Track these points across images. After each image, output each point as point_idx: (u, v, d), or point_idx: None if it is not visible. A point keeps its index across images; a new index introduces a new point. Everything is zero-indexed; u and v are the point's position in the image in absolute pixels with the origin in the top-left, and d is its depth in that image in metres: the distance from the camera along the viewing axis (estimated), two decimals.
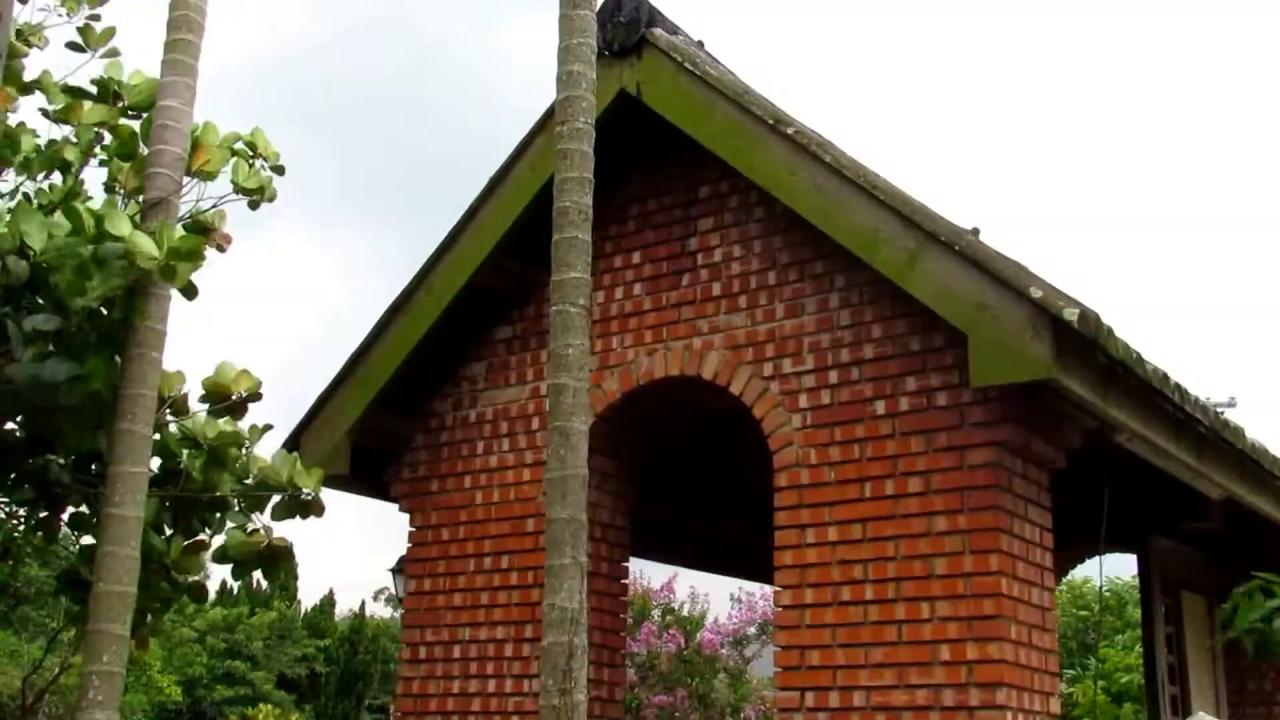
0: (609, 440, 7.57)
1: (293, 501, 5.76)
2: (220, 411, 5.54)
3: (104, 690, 4.76)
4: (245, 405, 5.54)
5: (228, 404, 5.50)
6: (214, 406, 5.52)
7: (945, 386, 6.51)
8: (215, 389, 5.48)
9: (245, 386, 5.45)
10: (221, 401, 5.51)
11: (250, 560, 5.83)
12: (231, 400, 5.49)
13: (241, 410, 5.58)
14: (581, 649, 5.20)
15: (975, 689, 6.11)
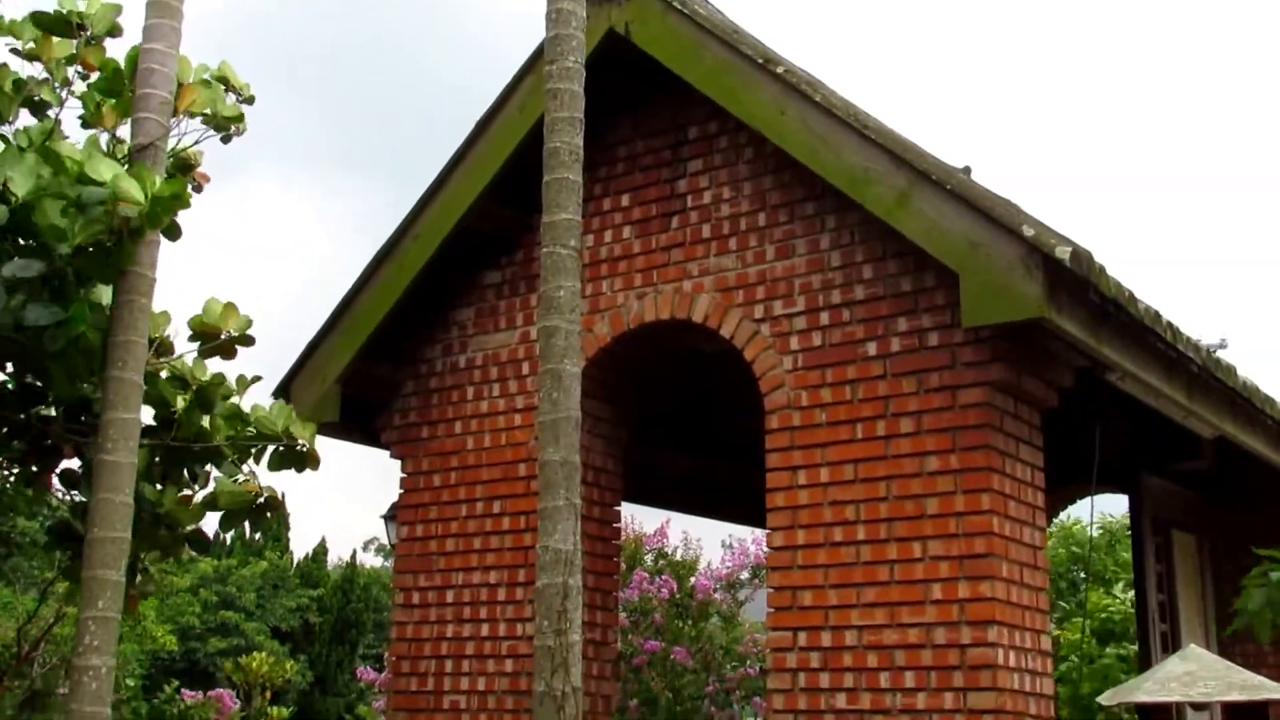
0: (600, 384, 7.56)
1: (289, 453, 5.74)
2: (209, 352, 5.50)
3: (100, 636, 4.76)
4: (234, 346, 5.49)
5: (217, 344, 5.45)
6: (203, 347, 5.47)
7: (937, 326, 6.50)
8: (203, 328, 5.43)
9: (234, 325, 5.40)
10: (210, 341, 5.45)
11: (241, 511, 5.81)
12: (220, 340, 5.43)
13: (231, 351, 5.53)
14: (576, 590, 5.21)
15: (967, 627, 6.14)
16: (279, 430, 5.70)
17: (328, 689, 28.52)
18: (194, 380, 5.41)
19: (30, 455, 5.68)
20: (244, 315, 5.41)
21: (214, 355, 5.61)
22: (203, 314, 5.41)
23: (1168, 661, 4.81)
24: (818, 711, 6.45)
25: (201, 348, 5.47)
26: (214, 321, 5.39)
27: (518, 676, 7.43)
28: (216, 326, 5.50)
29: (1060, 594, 16.09)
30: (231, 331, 5.52)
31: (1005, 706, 6.05)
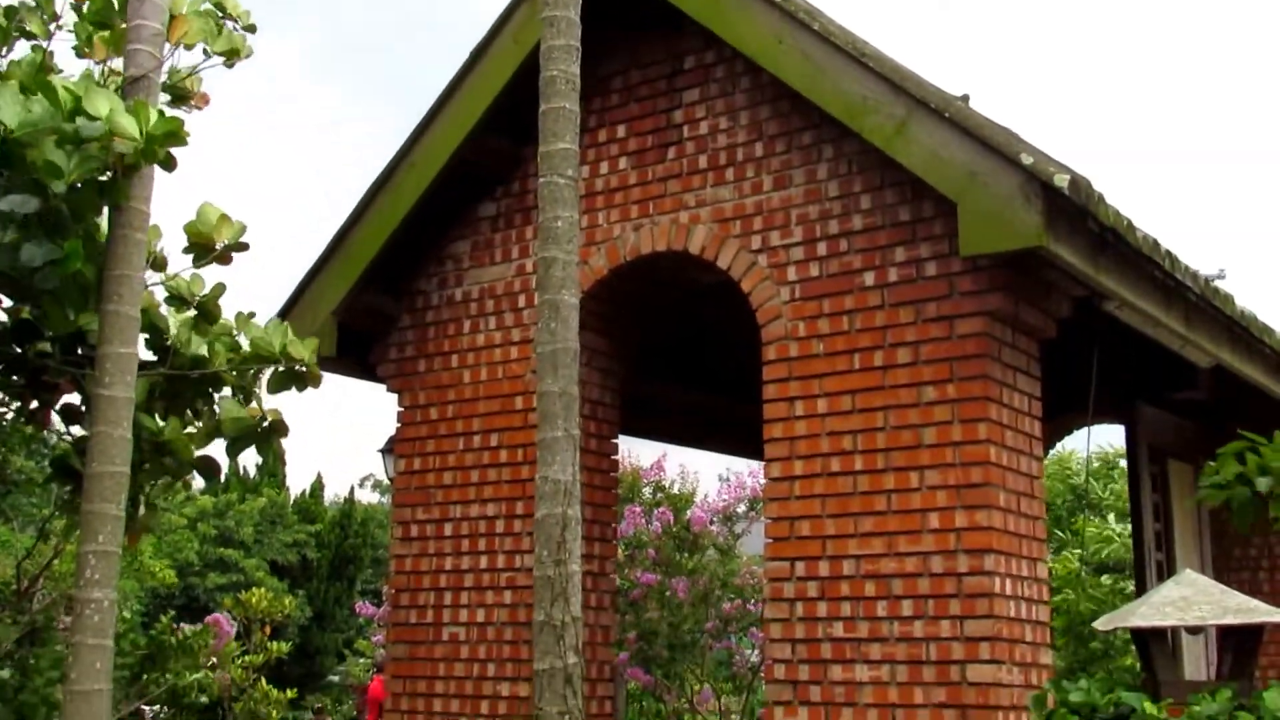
0: (597, 317, 7.54)
1: (288, 373, 5.68)
2: (205, 263, 5.44)
3: (101, 569, 4.78)
4: (230, 255, 5.43)
5: (213, 255, 5.39)
6: (199, 259, 5.41)
7: (934, 256, 6.48)
8: (199, 237, 5.36)
9: (229, 234, 5.34)
10: (206, 253, 5.39)
11: (246, 436, 5.79)
12: (216, 250, 5.37)
13: (227, 259, 5.47)
14: (575, 521, 5.23)
15: (964, 556, 6.18)
16: (276, 351, 5.64)
17: (326, 624, 28.71)
18: (192, 296, 5.36)
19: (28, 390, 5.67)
20: (238, 222, 5.34)
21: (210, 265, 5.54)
22: (197, 221, 5.33)
23: (1163, 586, 4.84)
24: (815, 640, 6.49)
25: (197, 260, 5.41)
26: (209, 230, 5.31)
27: (516, 608, 7.47)
28: (211, 236, 5.43)
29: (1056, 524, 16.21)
30: (226, 240, 5.45)
31: (1001, 634, 6.09)
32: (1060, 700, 4.45)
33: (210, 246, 5.42)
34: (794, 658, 6.54)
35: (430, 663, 7.77)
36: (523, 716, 7.31)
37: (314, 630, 28.11)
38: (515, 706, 7.38)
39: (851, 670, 6.37)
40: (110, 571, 4.79)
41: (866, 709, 6.30)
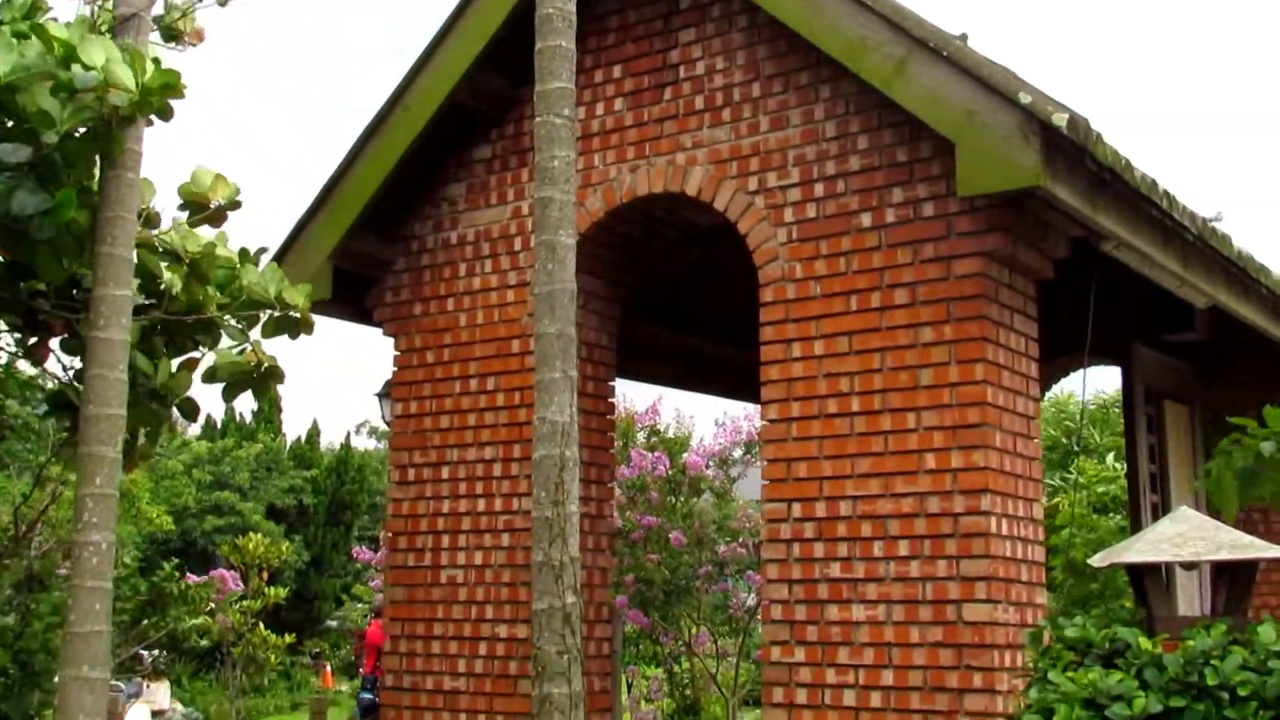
0: (593, 259, 7.51)
1: (282, 318, 5.68)
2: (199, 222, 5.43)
3: (99, 512, 4.78)
4: (224, 214, 5.41)
5: (206, 214, 5.38)
6: (193, 217, 5.40)
7: (932, 197, 6.46)
8: (192, 197, 5.35)
9: (223, 194, 5.33)
10: (200, 211, 5.38)
11: (241, 381, 5.78)
12: (210, 210, 5.36)
13: (220, 219, 5.46)
14: (573, 462, 5.24)
15: (960, 496, 6.20)
16: (271, 296, 5.63)
17: (324, 570, 28.81)
18: (185, 253, 5.35)
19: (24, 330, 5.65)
20: (232, 183, 5.33)
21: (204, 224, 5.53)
22: (191, 182, 5.32)
23: (1159, 523, 4.85)
24: (812, 581, 6.52)
25: (191, 217, 5.40)
26: (203, 191, 5.31)
27: (514, 550, 7.50)
28: (205, 195, 5.42)
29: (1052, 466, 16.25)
30: (220, 200, 5.44)
31: (997, 574, 6.12)
32: (1056, 636, 4.47)
33: (204, 205, 5.41)
34: (791, 598, 6.57)
35: (429, 605, 7.81)
36: (522, 657, 7.35)
37: (311, 576, 28.23)
38: (513, 648, 7.42)
39: (848, 610, 6.41)
40: (108, 514, 4.80)
41: (863, 648, 6.34)
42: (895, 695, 6.23)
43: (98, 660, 4.66)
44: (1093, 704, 4.10)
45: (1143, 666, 4.15)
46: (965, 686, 6.07)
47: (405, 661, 7.85)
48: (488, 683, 7.50)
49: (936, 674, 6.14)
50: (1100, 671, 4.19)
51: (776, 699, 6.55)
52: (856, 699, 6.33)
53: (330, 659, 27.07)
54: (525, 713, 7.22)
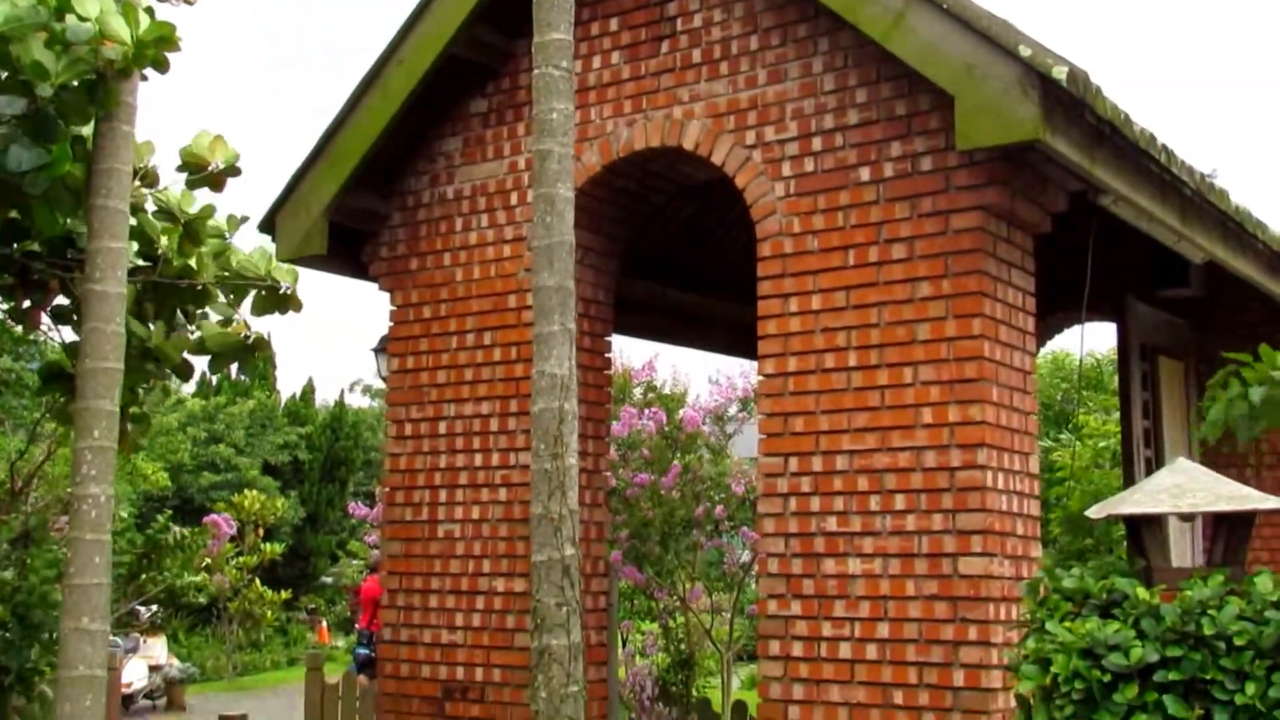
0: (589, 214, 7.49)
1: (271, 295, 5.72)
2: (197, 183, 5.44)
3: (97, 465, 4.79)
4: (224, 178, 5.43)
5: (205, 175, 5.39)
6: (191, 178, 5.41)
7: (930, 151, 6.44)
8: (192, 159, 5.37)
9: (222, 157, 5.34)
10: (198, 173, 5.39)
11: (228, 352, 5.81)
12: (209, 172, 5.37)
13: (220, 182, 5.48)
14: (572, 415, 5.24)
15: (956, 450, 6.21)
16: (261, 273, 5.67)
17: (319, 527, 28.91)
18: (181, 213, 5.35)
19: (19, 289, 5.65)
20: (232, 148, 5.34)
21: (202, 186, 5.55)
22: (191, 145, 5.34)
23: (1157, 474, 4.86)
24: (808, 535, 6.55)
25: (190, 179, 5.41)
26: (202, 153, 5.31)
27: (511, 504, 7.52)
28: (204, 158, 5.42)
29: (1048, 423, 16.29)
30: (220, 163, 5.45)
31: (993, 527, 6.15)
32: (1054, 587, 4.48)
33: (203, 167, 5.40)
34: (787, 552, 6.60)
35: (426, 559, 7.83)
36: (519, 610, 7.39)
37: (307, 532, 28.32)
38: (510, 601, 7.46)
39: (844, 564, 6.43)
40: (106, 467, 4.81)
41: (859, 601, 6.37)
42: (891, 647, 6.27)
43: (98, 612, 4.68)
44: (1090, 654, 4.12)
45: (1140, 617, 4.17)
46: (960, 639, 6.11)
47: (403, 615, 7.89)
48: (485, 636, 7.54)
49: (932, 627, 6.18)
50: (1097, 622, 4.21)
51: (773, 652, 6.59)
52: (852, 651, 6.37)
53: (326, 615, 27.21)
54: (523, 665, 7.27)
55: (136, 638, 17.69)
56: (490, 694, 7.46)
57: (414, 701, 7.74)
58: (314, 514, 28.61)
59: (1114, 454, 11.74)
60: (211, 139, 5.35)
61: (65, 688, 4.58)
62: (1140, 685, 4.03)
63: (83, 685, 4.61)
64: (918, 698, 6.18)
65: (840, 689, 6.37)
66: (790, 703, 6.50)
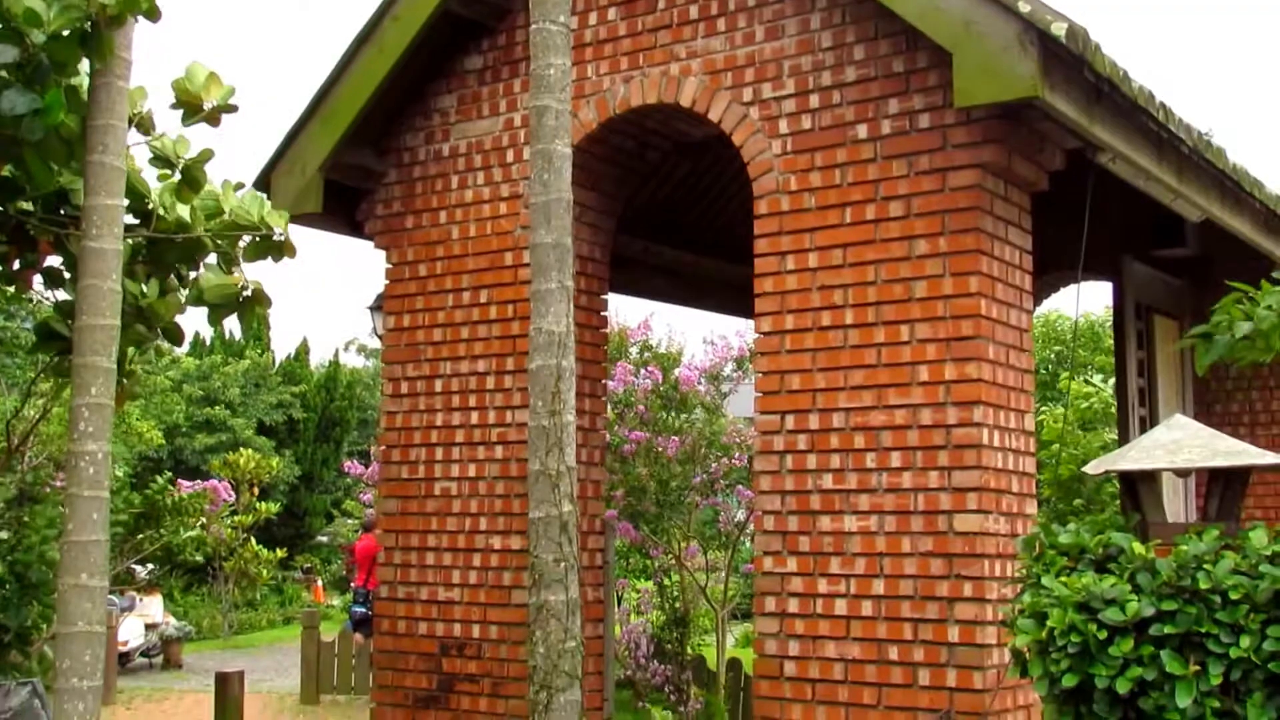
0: (586, 171, 7.47)
1: (264, 242, 5.66)
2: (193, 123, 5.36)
3: (94, 422, 4.77)
4: (219, 117, 5.34)
5: (201, 115, 5.31)
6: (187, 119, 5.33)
7: (928, 108, 6.41)
8: (186, 96, 5.27)
9: (217, 95, 5.26)
10: (194, 113, 5.31)
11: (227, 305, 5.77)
12: (204, 112, 5.29)
13: (215, 121, 5.39)
14: (570, 371, 5.25)
15: (953, 408, 6.22)
16: (256, 220, 5.62)
17: (314, 486, 28.92)
18: (177, 159, 5.29)
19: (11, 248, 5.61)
20: (227, 84, 5.25)
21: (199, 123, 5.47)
22: (185, 79, 5.24)
23: (1154, 430, 4.88)
24: (804, 492, 6.57)
25: (185, 119, 5.33)
26: (196, 89, 5.22)
27: (507, 462, 7.53)
28: (199, 95, 5.34)
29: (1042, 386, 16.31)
30: (215, 101, 5.37)
31: (989, 485, 6.17)
32: (1050, 542, 4.50)
33: (198, 106, 5.33)
34: (783, 509, 6.62)
35: (422, 517, 7.85)
36: (515, 568, 7.41)
37: (302, 491, 28.33)
38: (507, 559, 7.48)
39: (840, 521, 6.46)
40: (103, 424, 4.79)
41: (854, 558, 6.40)
42: (886, 604, 6.30)
43: (96, 569, 4.67)
44: (1086, 607, 4.14)
45: (1136, 571, 4.19)
46: (956, 595, 6.14)
47: (400, 573, 7.91)
48: (481, 593, 7.56)
49: (927, 583, 6.21)
50: (1093, 576, 4.23)
51: (769, 608, 6.62)
52: (848, 608, 6.40)
53: (321, 574, 27.27)
54: (519, 622, 7.30)
55: (133, 596, 17.73)
56: (487, 650, 7.49)
57: (411, 658, 7.78)
58: (309, 473, 28.61)
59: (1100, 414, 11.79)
60: (205, 76, 5.26)
61: (65, 643, 4.58)
62: (1136, 639, 4.05)
63: (82, 641, 4.60)
64: (913, 654, 6.21)
65: (836, 645, 6.41)
66: (786, 659, 6.54)
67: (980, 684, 6.05)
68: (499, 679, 7.43)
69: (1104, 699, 4.10)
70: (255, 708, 13.28)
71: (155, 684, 16.69)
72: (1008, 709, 6.21)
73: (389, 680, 7.87)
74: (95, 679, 4.47)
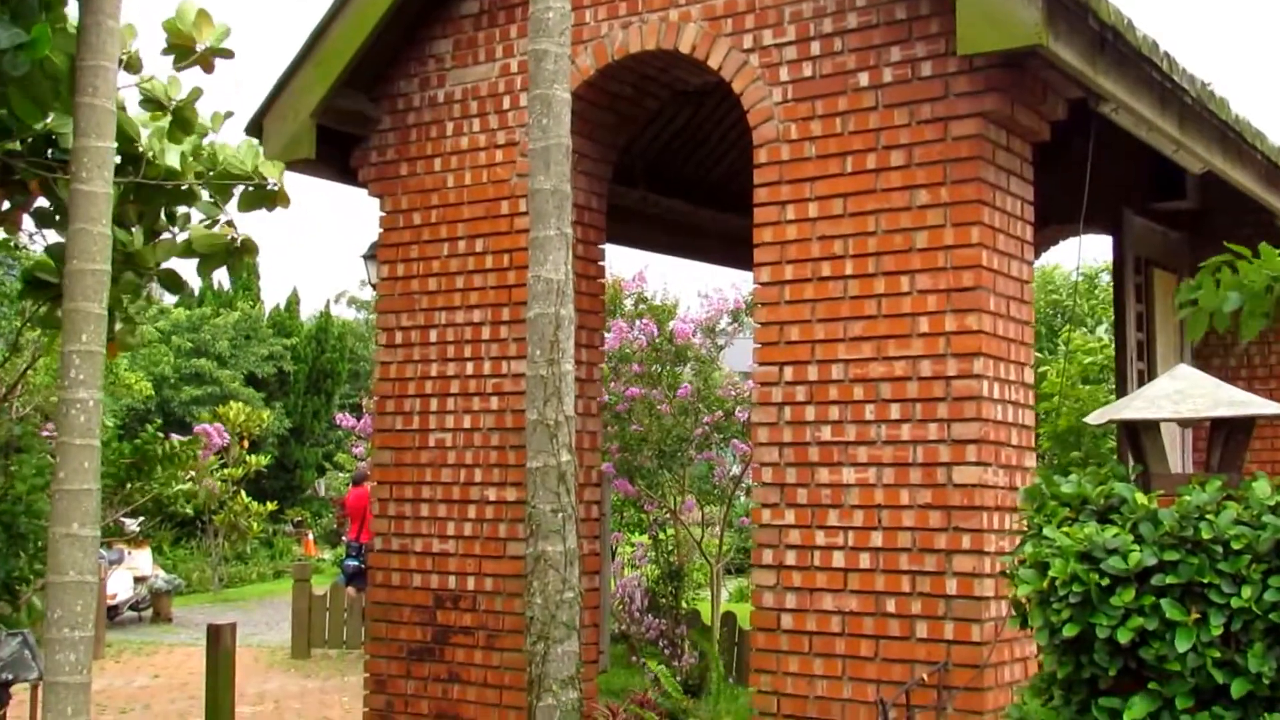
0: (583, 118, 7.37)
1: (258, 191, 5.58)
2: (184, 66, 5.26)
3: (85, 369, 4.70)
4: (211, 61, 5.24)
5: (194, 58, 5.21)
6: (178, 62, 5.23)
7: (930, 56, 6.33)
8: (177, 37, 5.17)
9: (210, 36, 5.16)
10: (186, 55, 5.21)
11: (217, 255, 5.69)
12: (197, 54, 5.19)
13: (207, 64, 5.29)
14: (569, 320, 5.19)
15: (953, 359, 6.17)
16: (248, 169, 5.53)
17: (305, 439, 28.83)
18: (169, 100, 5.19)
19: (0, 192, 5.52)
20: (221, 24, 5.15)
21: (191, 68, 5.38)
22: (176, 18, 5.13)
23: (1157, 380, 4.84)
24: (803, 444, 6.52)
25: (176, 62, 5.23)
26: (188, 29, 5.11)
27: (503, 413, 7.47)
28: (190, 37, 5.24)
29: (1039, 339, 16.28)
30: (208, 42, 5.27)
31: (988, 437, 6.13)
32: (1051, 493, 4.47)
33: (190, 49, 5.23)
34: (781, 461, 6.58)
35: (417, 468, 7.80)
36: (511, 519, 7.37)
37: (292, 444, 28.25)
38: (502, 510, 7.44)
39: (838, 473, 6.42)
40: (95, 371, 4.72)
41: (852, 510, 6.37)
42: (884, 556, 6.28)
43: (88, 518, 4.62)
44: (1088, 557, 4.11)
45: (1138, 521, 4.15)
46: (954, 548, 6.11)
47: (394, 525, 7.87)
48: (476, 545, 7.53)
49: (925, 535, 6.18)
50: (1096, 526, 4.20)
51: (766, 560, 6.59)
52: (845, 560, 6.38)
53: (312, 527, 27.24)
54: (514, 574, 7.27)
55: (121, 549, 17.66)
56: (482, 603, 7.46)
57: (405, 610, 7.75)
58: (299, 426, 28.51)
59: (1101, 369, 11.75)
60: (196, 13, 5.16)
61: (56, 593, 4.53)
62: (1137, 589, 4.01)
63: (74, 590, 4.55)
64: (910, 606, 6.19)
65: (833, 597, 6.39)
66: (783, 611, 6.51)
67: (978, 636, 6.03)
68: (494, 631, 7.41)
69: (1104, 649, 4.07)
70: (245, 661, 13.29)
71: (144, 638, 16.70)
72: (1005, 661, 6.20)
73: (383, 632, 7.84)
74: (87, 629, 4.43)
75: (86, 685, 4.33)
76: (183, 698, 12.03)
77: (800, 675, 6.46)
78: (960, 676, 6.05)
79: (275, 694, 12.37)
